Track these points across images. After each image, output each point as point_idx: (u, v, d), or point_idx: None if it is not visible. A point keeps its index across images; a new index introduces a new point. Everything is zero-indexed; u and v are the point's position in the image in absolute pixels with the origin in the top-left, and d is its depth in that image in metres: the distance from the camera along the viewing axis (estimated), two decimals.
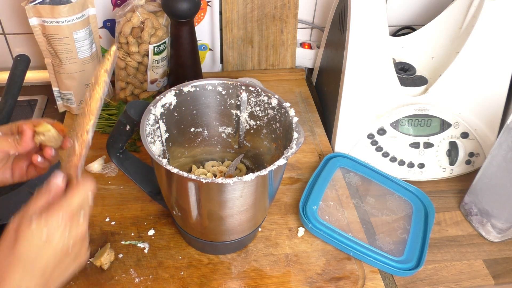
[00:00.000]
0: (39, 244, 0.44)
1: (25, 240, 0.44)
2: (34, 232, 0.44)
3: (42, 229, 0.44)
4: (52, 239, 0.45)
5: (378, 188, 0.84)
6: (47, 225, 0.45)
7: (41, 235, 0.44)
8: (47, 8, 0.81)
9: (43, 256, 0.44)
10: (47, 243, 0.44)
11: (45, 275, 0.45)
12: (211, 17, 1.05)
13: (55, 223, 0.45)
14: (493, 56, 0.86)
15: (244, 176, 0.56)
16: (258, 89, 0.70)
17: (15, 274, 0.43)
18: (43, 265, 0.44)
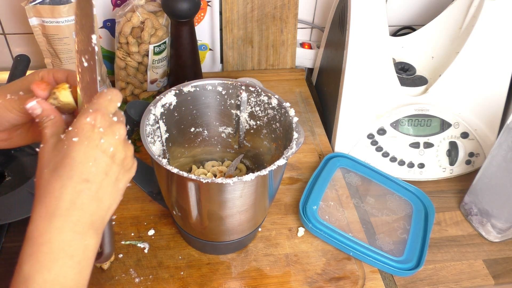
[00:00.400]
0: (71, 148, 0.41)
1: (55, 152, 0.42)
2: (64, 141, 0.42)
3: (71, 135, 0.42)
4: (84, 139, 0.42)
5: (378, 188, 0.84)
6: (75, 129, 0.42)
7: (70, 141, 0.42)
8: (47, 8, 0.81)
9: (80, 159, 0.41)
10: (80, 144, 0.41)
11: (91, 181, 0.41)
12: (211, 17, 1.05)
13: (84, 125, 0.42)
14: (493, 56, 0.86)
15: (244, 176, 0.56)
16: (258, 89, 0.70)
17: (54, 184, 0.41)
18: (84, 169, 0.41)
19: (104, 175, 0.43)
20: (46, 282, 0.38)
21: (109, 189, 0.43)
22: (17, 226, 0.75)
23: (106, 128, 0.43)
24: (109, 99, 0.45)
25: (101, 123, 0.43)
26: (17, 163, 0.79)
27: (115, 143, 0.43)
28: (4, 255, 0.71)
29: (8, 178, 0.76)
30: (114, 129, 0.44)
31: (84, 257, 0.41)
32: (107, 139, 0.43)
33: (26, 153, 0.82)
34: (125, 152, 0.45)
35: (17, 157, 0.80)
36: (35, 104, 0.45)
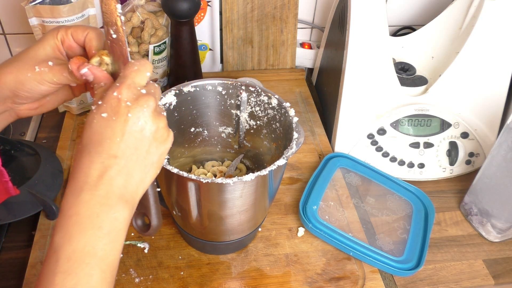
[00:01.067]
0: (100, 124, 0.42)
1: (87, 127, 0.42)
2: (94, 116, 0.42)
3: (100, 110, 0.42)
4: (112, 114, 0.42)
5: (378, 188, 0.84)
6: (104, 104, 0.42)
7: (99, 116, 0.42)
8: (47, 8, 0.81)
9: (108, 135, 0.42)
10: (108, 120, 0.42)
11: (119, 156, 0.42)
12: (211, 17, 1.05)
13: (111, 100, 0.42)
14: (493, 56, 0.86)
15: (244, 176, 0.56)
16: (258, 89, 0.70)
17: (84, 160, 0.41)
18: (112, 145, 0.41)
19: (134, 149, 0.43)
20: (75, 252, 0.39)
21: (139, 163, 0.43)
22: (17, 226, 0.75)
23: (133, 101, 0.42)
24: (136, 69, 0.44)
25: (127, 96, 0.42)
26: (17, 163, 0.79)
27: (144, 115, 0.43)
28: (4, 255, 0.71)
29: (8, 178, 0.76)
30: (141, 102, 0.43)
31: (113, 228, 0.41)
32: (134, 112, 0.42)
33: (26, 153, 0.82)
34: (157, 124, 0.44)
35: (17, 157, 0.80)
36: (87, 72, 0.45)
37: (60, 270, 0.38)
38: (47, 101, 0.52)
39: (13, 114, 0.51)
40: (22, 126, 0.94)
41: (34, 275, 0.67)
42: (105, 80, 0.46)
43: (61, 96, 0.53)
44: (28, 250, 0.70)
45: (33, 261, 0.68)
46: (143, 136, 0.43)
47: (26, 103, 0.50)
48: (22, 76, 0.47)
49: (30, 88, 0.48)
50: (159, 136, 0.45)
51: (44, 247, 0.70)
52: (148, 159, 0.44)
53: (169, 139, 0.46)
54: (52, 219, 0.74)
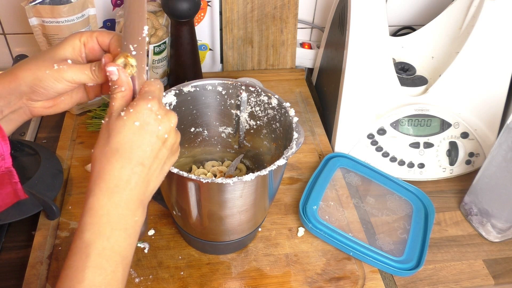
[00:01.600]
0: (132, 132, 0.44)
1: (118, 132, 0.44)
2: (126, 122, 0.44)
3: (133, 118, 0.44)
4: (144, 125, 0.45)
5: (378, 188, 0.84)
6: (137, 113, 0.45)
7: (132, 123, 0.44)
8: (47, 8, 0.81)
9: (138, 143, 0.45)
10: (141, 129, 0.45)
11: (145, 164, 0.45)
12: (211, 17, 1.05)
13: (145, 110, 0.45)
14: (493, 56, 0.86)
15: (244, 176, 0.56)
16: (258, 89, 0.70)
17: (115, 164, 0.44)
18: (141, 153, 0.45)
19: (157, 159, 0.46)
20: (105, 249, 0.42)
21: (157, 172, 0.47)
22: (17, 226, 0.75)
23: (163, 116, 0.46)
24: (159, 87, 0.48)
25: (159, 111, 0.46)
26: (17, 163, 0.79)
27: (170, 130, 0.47)
28: (4, 255, 0.71)
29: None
30: (170, 117, 0.47)
31: (133, 231, 0.45)
32: (164, 126, 0.46)
33: (26, 153, 0.82)
34: (175, 139, 0.49)
35: (17, 157, 0.80)
36: (114, 70, 0.46)
37: (90, 264, 0.41)
38: (61, 101, 0.53)
39: (27, 112, 0.52)
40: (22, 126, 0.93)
41: (34, 275, 0.67)
42: (126, 86, 0.47)
43: (76, 97, 0.54)
44: (28, 250, 0.70)
45: (33, 261, 0.68)
46: (165, 148, 0.47)
47: (41, 100, 0.51)
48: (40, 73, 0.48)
49: (47, 85, 0.49)
50: (174, 149, 0.49)
51: (44, 247, 0.70)
52: (163, 169, 0.49)
53: (178, 152, 0.51)
54: (52, 219, 0.74)
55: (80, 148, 0.88)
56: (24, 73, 0.49)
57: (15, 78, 0.48)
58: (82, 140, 0.90)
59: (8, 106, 0.49)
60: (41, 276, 0.66)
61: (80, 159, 0.85)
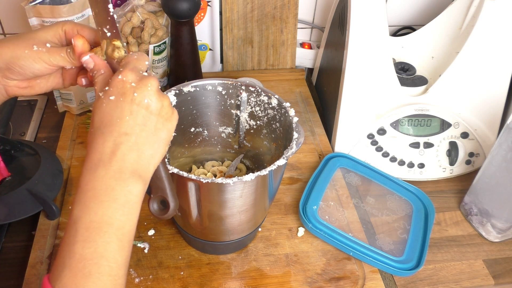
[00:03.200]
0: (110, 106, 0.45)
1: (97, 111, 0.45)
2: (103, 100, 0.45)
3: (108, 94, 0.45)
4: (119, 96, 0.45)
5: (378, 188, 0.84)
6: (111, 88, 0.45)
7: (108, 99, 0.45)
8: (47, 8, 0.81)
9: (117, 115, 0.45)
10: (116, 101, 0.45)
11: (129, 133, 0.45)
12: (211, 17, 1.05)
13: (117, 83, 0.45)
14: (493, 56, 0.86)
15: (244, 176, 0.56)
16: (258, 89, 0.70)
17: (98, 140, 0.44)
18: (123, 123, 0.45)
19: (143, 125, 0.46)
20: (92, 222, 0.42)
21: (149, 139, 0.46)
22: (17, 226, 0.75)
23: (137, 82, 0.46)
24: (135, 58, 0.48)
25: (132, 78, 0.46)
26: (17, 163, 0.79)
27: (149, 94, 0.46)
28: (4, 255, 0.71)
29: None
30: (146, 82, 0.46)
31: (127, 200, 0.44)
32: (139, 92, 0.45)
33: (26, 153, 0.82)
34: (161, 102, 0.47)
35: (17, 157, 0.80)
36: (88, 59, 0.48)
37: (79, 239, 0.41)
38: (37, 84, 0.53)
39: (2, 91, 0.52)
40: (22, 126, 0.94)
41: (34, 275, 0.67)
42: (105, 68, 0.48)
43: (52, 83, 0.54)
44: (28, 250, 0.70)
45: (33, 261, 0.68)
46: (150, 113, 0.46)
47: (16, 80, 0.51)
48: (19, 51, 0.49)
49: (24, 64, 0.49)
50: (164, 113, 0.47)
51: (44, 247, 0.70)
52: (156, 135, 0.47)
53: (173, 116, 0.49)
54: (52, 219, 0.74)
55: (80, 148, 0.88)
56: (2, 50, 0.49)
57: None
58: (82, 140, 0.90)
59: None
60: (41, 276, 0.66)
61: (80, 159, 0.85)
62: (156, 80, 0.47)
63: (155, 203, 0.52)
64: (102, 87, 0.47)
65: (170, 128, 0.49)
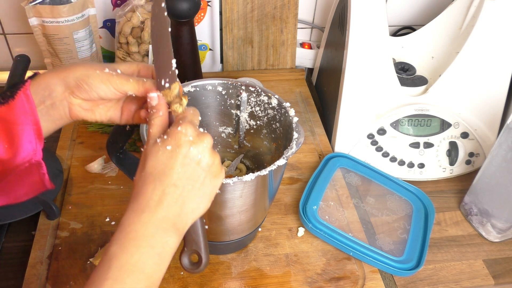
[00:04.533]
0: (165, 155, 0.46)
1: (152, 157, 0.47)
2: (159, 147, 0.47)
3: (165, 143, 0.46)
4: (176, 147, 0.46)
5: (378, 188, 0.84)
6: (169, 137, 0.47)
7: (164, 148, 0.46)
8: (47, 8, 0.81)
9: (171, 165, 0.46)
10: (172, 152, 0.46)
11: (177, 185, 0.46)
12: (211, 17, 1.05)
13: (177, 134, 0.47)
14: (493, 56, 0.86)
15: (244, 176, 0.56)
16: (258, 89, 0.70)
17: (148, 186, 0.46)
18: (174, 175, 0.46)
19: (191, 180, 0.47)
20: (127, 263, 0.43)
21: (193, 193, 0.47)
22: (17, 226, 0.75)
23: (195, 137, 0.47)
24: (192, 113, 0.50)
25: (190, 133, 0.47)
26: None
27: (203, 150, 0.48)
28: (4, 255, 0.71)
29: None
30: (203, 138, 0.48)
31: (163, 250, 0.45)
32: (195, 147, 0.47)
33: None
34: (213, 159, 0.49)
35: None
36: (155, 96, 0.50)
37: (110, 276, 0.42)
38: (97, 109, 0.54)
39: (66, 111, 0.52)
40: None
41: (34, 275, 0.67)
42: (164, 111, 0.50)
43: (111, 113, 0.55)
44: (28, 250, 0.70)
45: (33, 261, 0.68)
46: (201, 169, 0.48)
47: (82, 99, 0.52)
48: (91, 71, 0.51)
49: (92, 82, 0.50)
50: (213, 170, 0.49)
51: (44, 247, 0.70)
52: (202, 190, 0.48)
53: (221, 174, 0.51)
54: (52, 219, 0.74)
55: (80, 148, 0.88)
56: (76, 67, 0.51)
57: (67, 69, 0.51)
58: (82, 140, 0.90)
59: (50, 96, 0.50)
60: (41, 276, 0.66)
61: (80, 159, 0.85)
62: (211, 138, 0.49)
63: (186, 257, 0.52)
64: (157, 130, 0.49)
65: (216, 185, 0.50)
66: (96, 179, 0.82)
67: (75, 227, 0.74)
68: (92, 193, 0.80)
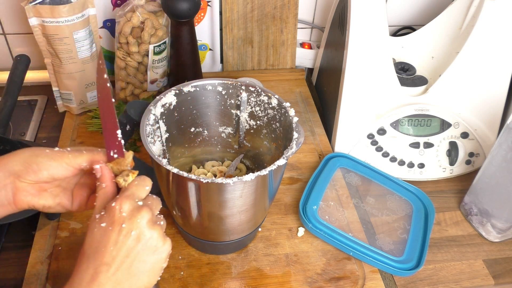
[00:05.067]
0: (100, 233, 0.45)
1: (89, 233, 0.46)
2: (95, 224, 0.46)
3: (101, 219, 0.46)
4: (109, 225, 0.45)
5: (378, 188, 0.84)
6: (105, 214, 0.46)
7: (99, 225, 0.45)
8: (47, 8, 0.81)
9: (104, 243, 0.45)
10: (106, 230, 0.45)
11: (110, 264, 0.45)
12: (211, 17, 1.05)
13: (111, 211, 0.46)
14: (493, 56, 0.86)
15: (244, 176, 0.56)
16: (258, 89, 0.70)
17: (81, 265, 0.45)
18: (106, 253, 0.45)
19: (125, 257, 0.46)
20: None
21: (129, 271, 0.46)
22: (17, 226, 0.75)
23: (129, 213, 0.46)
24: (136, 184, 0.49)
25: (125, 208, 0.46)
26: None
27: (138, 226, 0.46)
28: (4, 255, 0.71)
29: None
30: (136, 214, 0.46)
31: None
32: (128, 223, 0.45)
33: None
34: (150, 234, 0.47)
35: None
36: (98, 168, 0.49)
37: None
38: (45, 193, 0.52)
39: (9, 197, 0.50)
40: (22, 126, 0.94)
41: (34, 275, 0.67)
42: (108, 182, 0.49)
43: (59, 198, 0.53)
44: (28, 250, 0.70)
45: (33, 261, 0.68)
46: (135, 245, 0.46)
47: (28, 182, 0.50)
48: (39, 151, 0.50)
49: (41, 161, 0.49)
50: (152, 246, 0.47)
51: (44, 247, 0.70)
52: (139, 267, 0.46)
53: (163, 247, 0.48)
54: (52, 219, 0.74)
55: None
56: (22, 152, 0.50)
57: (7, 156, 0.49)
58: (82, 140, 0.90)
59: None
60: (41, 276, 0.66)
61: None
62: (149, 210, 0.47)
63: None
64: (100, 204, 0.48)
65: (157, 259, 0.48)
66: None
67: (75, 227, 0.74)
68: None
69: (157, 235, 0.47)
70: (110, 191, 0.49)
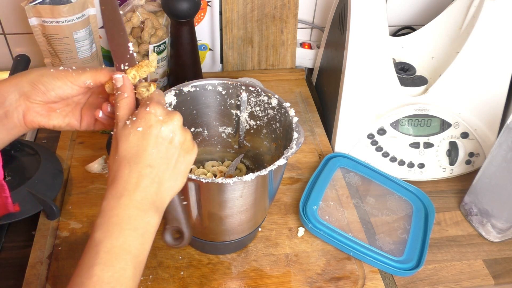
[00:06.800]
0: (137, 137, 0.47)
1: (124, 140, 0.47)
2: (130, 130, 0.47)
3: (136, 124, 0.47)
4: (147, 128, 0.47)
5: (378, 188, 0.84)
6: (139, 119, 0.47)
7: (135, 130, 0.47)
8: (47, 8, 0.81)
9: (144, 147, 0.46)
10: (144, 133, 0.47)
11: (153, 165, 0.47)
12: (211, 17, 1.05)
13: (146, 115, 0.47)
14: (493, 56, 0.86)
15: (244, 176, 0.56)
16: (258, 89, 0.70)
17: (124, 170, 0.46)
18: (147, 156, 0.46)
19: (165, 158, 0.48)
20: (113, 247, 0.44)
21: (169, 172, 0.48)
22: (17, 226, 0.75)
23: (164, 117, 0.48)
24: (157, 93, 0.51)
25: (159, 112, 0.48)
26: (17, 163, 0.79)
27: (174, 129, 0.48)
28: (4, 255, 0.71)
29: (8, 178, 0.76)
30: (172, 117, 0.48)
31: (146, 231, 0.46)
32: (166, 126, 0.48)
33: (26, 153, 0.82)
34: (184, 136, 0.49)
35: (17, 157, 0.80)
36: (120, 77, 0.50)
37: (99, 261, 0.43)
38: (54, 114, 0.53)
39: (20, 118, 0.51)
40: None
41: (34, 275, 0.67)
42: (129, 92, 0.50)
43: (68, 118, 0.54)
44: (28, 250, 0.70)
45: (33, 261, 0.68)
46: (174, 147, 0.48)
47: (37, 102, 0.51)
48: (44, 71, 0.51)
49: (47, 80, 0.50)
50: (186, 147, 0.50)
51: (44, 247, 0.70)
52: (177, 168, 0.49)
53: (194, 150, 0.51)
54: (52, 219, 0.74)
55: (80, 148, 0.88)
56: (29, 71, 0.51)
57: (19, 75, 0.50)
58: (82, 140, 0.90)
59: (3, 105, 0.50)
60: (41, 276, 0.66)
61: (80, 159, 0.85)
62: (180, 116, 0.49)
63: (169, 234, 0.53)
64: (124, 113, 0.49)
65: (190, 161, 0.51)
66: (96, 179, 0.82)
67: (75, 227, 0.74)
68: (92, 193, 0.80)
69: (189, 137, 0.50)
70: (132, 100, 0.50)
